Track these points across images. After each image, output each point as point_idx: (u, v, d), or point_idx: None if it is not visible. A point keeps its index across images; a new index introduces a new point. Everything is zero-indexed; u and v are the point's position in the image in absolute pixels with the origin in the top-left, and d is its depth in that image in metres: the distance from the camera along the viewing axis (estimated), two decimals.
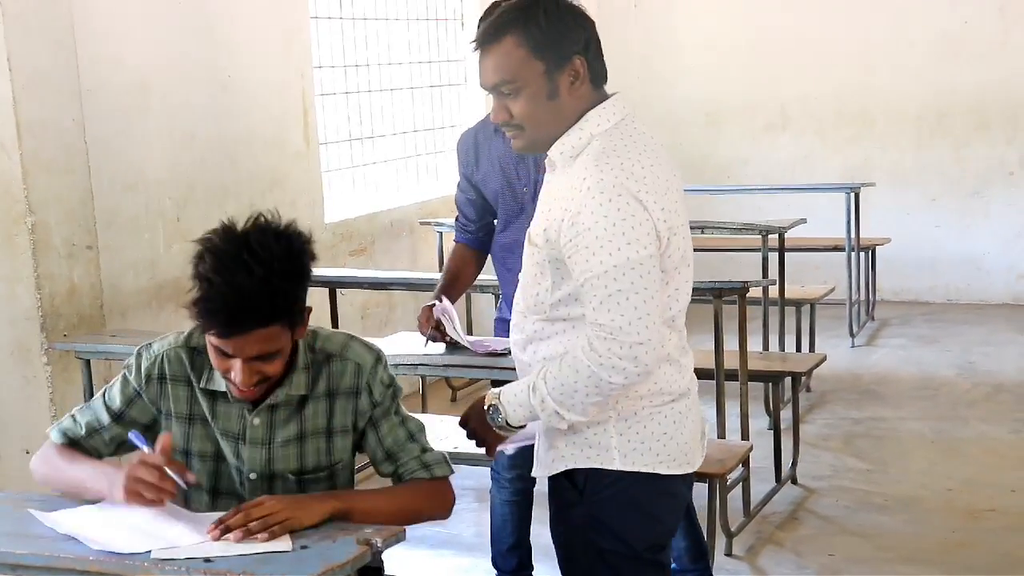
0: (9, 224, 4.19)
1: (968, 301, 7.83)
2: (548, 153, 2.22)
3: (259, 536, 2.02)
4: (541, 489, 3.66)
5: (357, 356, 2.31)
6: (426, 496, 2.32)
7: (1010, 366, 6.41)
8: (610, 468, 2.21)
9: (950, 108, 7.78)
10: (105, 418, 2.32)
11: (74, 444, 2.32)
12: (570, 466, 2.25)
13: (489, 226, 3.57)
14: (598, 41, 2.23)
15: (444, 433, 4.22)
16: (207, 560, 1.97)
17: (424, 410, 5.60)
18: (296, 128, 5.64)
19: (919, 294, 7.89)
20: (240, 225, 2.16)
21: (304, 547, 2.02)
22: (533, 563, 3.70)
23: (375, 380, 2.30)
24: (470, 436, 2.36)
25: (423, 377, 5.59)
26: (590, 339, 2.10)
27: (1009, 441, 5.23)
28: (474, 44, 2.19)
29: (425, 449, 2.35)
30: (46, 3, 4.25)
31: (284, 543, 2.03)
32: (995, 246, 7.80)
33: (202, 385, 2.28)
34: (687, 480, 2.32)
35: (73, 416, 2.36)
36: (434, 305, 3.51)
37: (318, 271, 5.32)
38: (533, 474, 2.36)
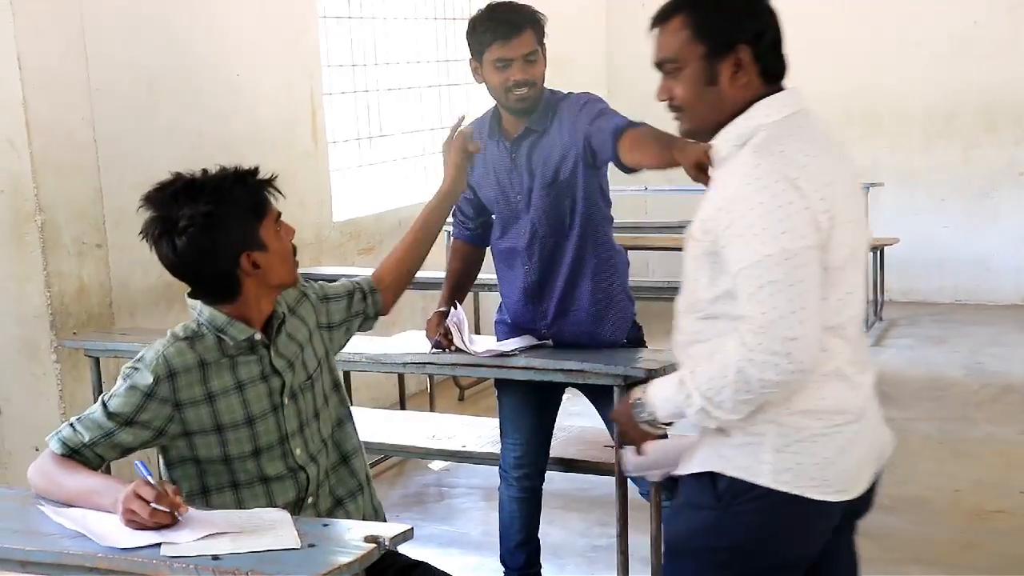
0: (19, 222, 4.21)
1: (976, 302, 7.81)
2: (714, 143, 2.13)
3: None
4: (549, 488, 3.69)
5: (290, 300, 2.52)
6: None
7: (1019, 367, 6.40)
8: (756, 482, 2.06)
9: (959, 109, 7.76)
10: (110, 426, 2.30)
11: (75, 453, 2.31)
12: (715, 469, 2.10)
13: (488, 223, 3.56)
14: (777, 35, 2.11)
15: (451, 432, 4.23)
16: (215, 558, 1.98)
17: (432, 409, 5.61)
18: (304, 127, 5.65)
19: (927, 294, 7.87)
20: None
21: (312, 545, 2.02)
22: (541, 561, 3.70)
23: (305, 284, 2.59)
24: (620, 435, 2.27)
25: (431, 376, 5.60)
26: (742, 333, 1.98)
27: (1017, 442, 5.22)
28: (651, 21, 2.17)
29: (353, 291, 2.72)
30: (56, 3, 4.27)
31: (292, 540, 2.03)
32: (1004, 247, 7.78)
33: (226, 349, 2.37)
34: (844, 505, 2.12)
35: (72, 425, 2.33)
36: (443, 312, 3.50)
37: (326, 270, 5.37)
38: (676, 473, 2.22)
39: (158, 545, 2.03)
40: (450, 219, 3.32)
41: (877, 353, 6.73)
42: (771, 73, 2.11)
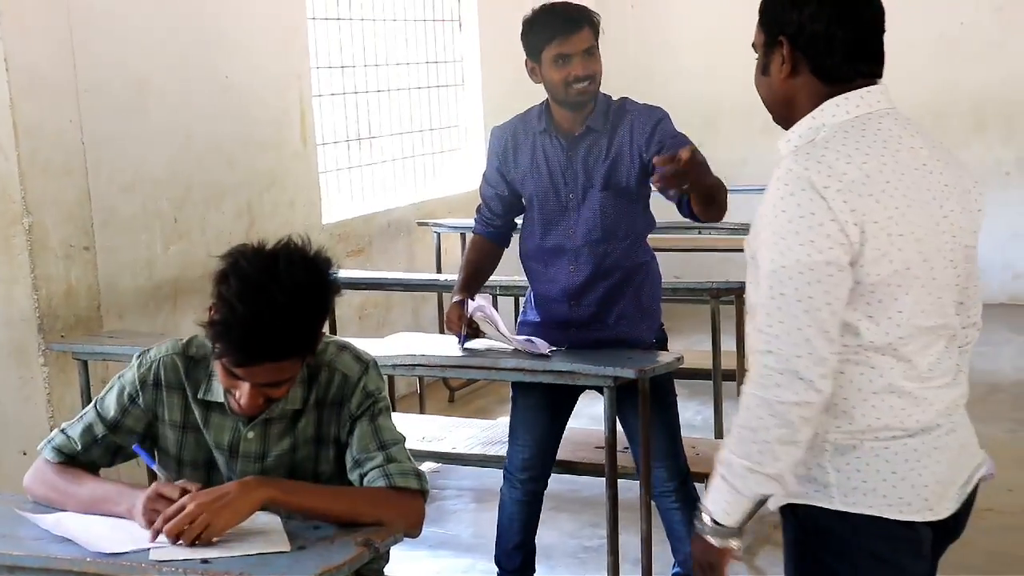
0: (6, 225, 4.19)
1: None
2: (779, 144, 2.05)
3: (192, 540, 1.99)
4: (551, 491, 3.68)
5: (345, 367, 2.27)
6: (385, 505, 2.15)
7: (1007, 366, 6.42)
8: (829, 507, 1.96)
9: (947, 109, 7.78)
10: (100, 429, 2.30)
11: (70, 460, 2.30)
12: (789, 500, 2.00)
13: (512, 221, 3.54)
14: (826, 31, 2.00)
15: (441, 434, 4.23)
16: (204, 561, 1.97)
17: (422, 411, 5.60)
18: (294, 129, 5.64)
19: None
20: (269, 245, 2.10)
21: (302, 548, 2.02)
22: (536, 566, 3.69)
23: (357, 389, 2.25)
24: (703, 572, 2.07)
25: (420, 378, 5.59)
26: (753, 357, 1.90)
27: (1005, 441, 5.24)
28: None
29: (392, 459, 2.20)
30: (44, 3, 4.25)
31: (282, 544, 2.03)
32: (991, 246, 7.79)
33: (199, 396, 2.27)
34: (933, 526, 2.01)
35: (64, 431, 2.32)
36: (462, 302, 3.42)
37: None
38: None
39: (147, 550, 2.02)
40: (448, 222, 3.31)
41: None
42: (825, 71, 2.01)
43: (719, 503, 1.96)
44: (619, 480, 3.43)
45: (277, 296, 2.02)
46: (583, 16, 3.29)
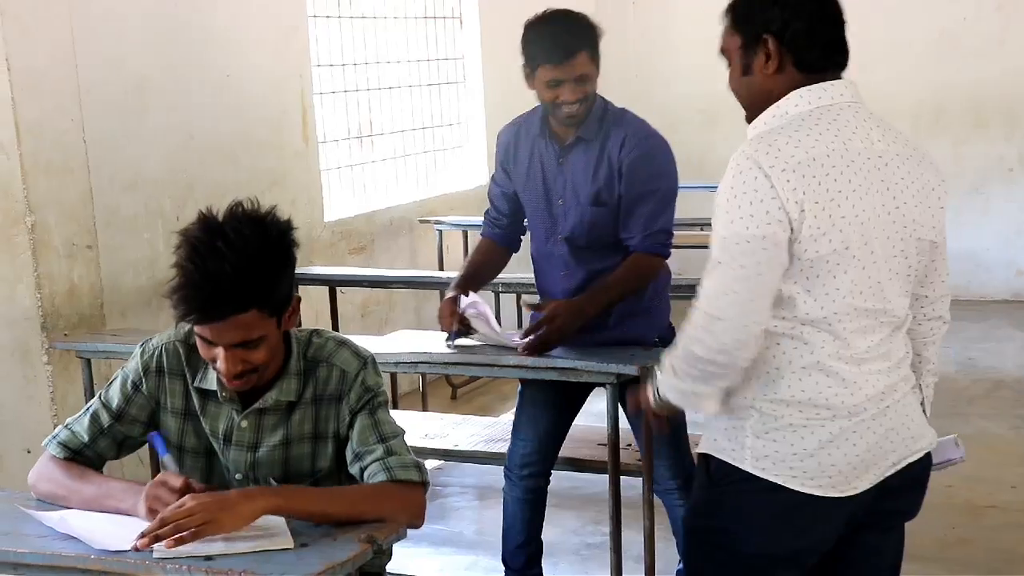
0: (9, 224, 4.19)
1: (968, 297, 7.82)
2: (747, 130, 2.17)
3: (187, 538, 1.98)
4: (554, 488, 3.68)
5: (344, 362, 2.28)
6: (386, 500, 2.16)
7: (1010, 362, 6.42)
8: (739, 467, 2.12)
9: (948, 105, 7.78)
10: (106, 418, 2.32)
11: (76, 454, 2.31)
12: (708, 451, 2.19)
13: (520, 222, 3.50)
14: (809, 26, 2.10)
15: (444, 431, 4.23)
16: (208, 558, 1.97)
17: (424, 408, 5.61)
18: (295, 127, 5.65)
19: None
20: (220, 214, 2.17)
21: (305, 545, 2.02)
22: (542, 564, 3.69)
23: (356, 384, 2.26)
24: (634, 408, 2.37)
25: (423, 375, 5.59)
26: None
27: (1009, 437, 5.24)
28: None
29: (391, 452, 2.21)
30: (44, 3, 4.26)
31: (285, 541, 2.03)
32: (995, 243, 7.81)
33: (196, 384, 2.29)
34: (841, 502, 2.11)
35: (68, 427, 2.33)
36: (456, 297, 3.36)
37: (318, 270, 5.36)
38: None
39: (151, 547, 2.02)
40: (450, 219, 3.29)
41: None
42: (807, 64, 2.11)
43: (661, 376, 2.20)
44: (622, 477, 3.42)
45: (224, 251, 2.08)
46: (582, 40, 3.19)
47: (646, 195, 3.22)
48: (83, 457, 2.31)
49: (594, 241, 3.29)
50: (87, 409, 2.35)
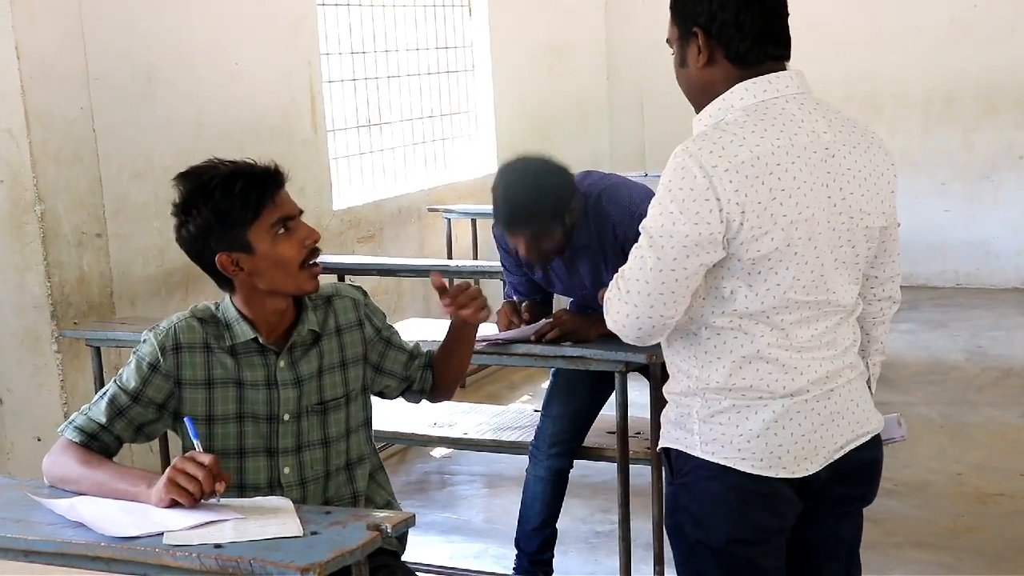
0: (19, 213, 4.21)
1: (977, 286, 7.81)
2: (692, 124, 2.16)
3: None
4: (575, 478, 3.68)
5: (349, 293, 2.53)
6: None
7: (1019, 351, 6.40)
8: (692, 453, 2.16)
9: (958, 92, 7.75)
10: (124, 400, 2.32)
11: (92, 438, 2.31)
12: (664, 444, 2.23)
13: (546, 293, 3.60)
14: (735, 17, 2.09)
15: (452, 420, 4.23)
16: (218, 546, 1.98)
17: None
18: (304, 115, 5.65)
19: (928, 279, 7.87)
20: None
21: (314, 533, 2.02)
22: (554, 552, 3.70)
23: (371, 311, 2.53)
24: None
25: None
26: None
27: (1018, 426, 5.23)
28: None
29: (415, 355, 2.61)
30: None
31: (295, 528, 2.04)
32: (1004, 230, 7.78)
33: (226, 344, 2.35)
34: (794, 484, 2.14)
35: (84, 412, 2.34)
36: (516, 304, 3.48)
37: (326, 258, 5.34)
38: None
39: (160, 534, 2.03)
40: (459, 207, 3.30)
41: None
42: (740, 56, 2.09)
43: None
44: (631, 465, 3.43)
45: (221, 163, 2.39)
46: (520, 223, 3.18)
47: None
48: (99, 441, 2.32)
49: None
50: (103, 394, 2.35)
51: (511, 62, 7.05)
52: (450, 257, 6.24)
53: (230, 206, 2.31)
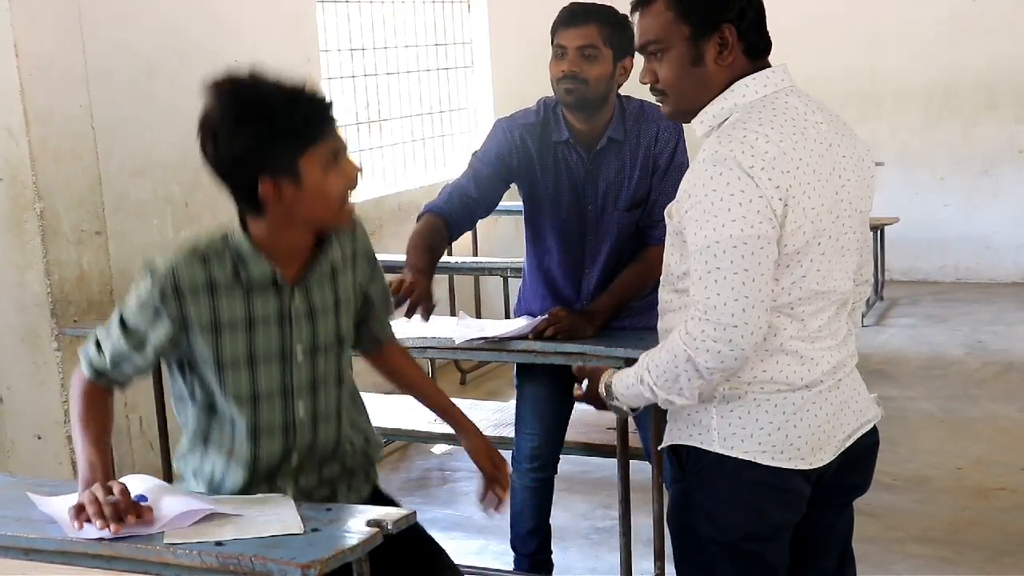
0: (18, 211, 4.20)
1: (977, 280, 7.81)
2: (693, 123, 2.17)
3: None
4: (563, 473, 3.68)
5: (359, 221, 2.42)
6: None
7: (1020, 345, 6.40)
8: (709, 449, 2.15)
9: (959, 87, 7.74)
10: (127, 344, 2.22)
11: (100, 376, 2.26)
12: (676, 442, 2.22)
13: (482, 213, 3.45)
14: (759, 11, 2.13)
15: None
16: (219, 543, 1.98)
17: None
18: None
19: (928, 273, 7.87)
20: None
21: (315, 530, 2.03)
22: (551, 548, 3.70)
23: (367, 239, 2.44)
24: (585, 397, 2.40)
25: (432, 360, 5.59)
26: (687, 319, 2.06)
27: (1019, 420, 5.23)
28: (632, 5, 2.18)
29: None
30: None
31: (295, 525, 2.04)
32: (1004, 225, 7.77)
33: (243, 278, 2.19)
34: (808, 476, 2.17)
35: (98, 343, 2.27)
36: (431, 283, 3.27)
37: None
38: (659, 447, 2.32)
39: (161, 533, 2.03)
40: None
41: (878, 332, 6.74)
42: (755, 50, 2.13)
43: (630, 399, 2.23)
44: (631, 461, 3.43)
45: (271, 78, 2.29)
46: (594, 14, 3.13)
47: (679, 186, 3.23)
48: (106, 379, 2.27)
49: (624, 249, 3.29)
50: (109, 331, 2.26)
51: (511, 59, 7.04)
52: (450, 253, 6.23)
53: (289, 128, 2.13)
